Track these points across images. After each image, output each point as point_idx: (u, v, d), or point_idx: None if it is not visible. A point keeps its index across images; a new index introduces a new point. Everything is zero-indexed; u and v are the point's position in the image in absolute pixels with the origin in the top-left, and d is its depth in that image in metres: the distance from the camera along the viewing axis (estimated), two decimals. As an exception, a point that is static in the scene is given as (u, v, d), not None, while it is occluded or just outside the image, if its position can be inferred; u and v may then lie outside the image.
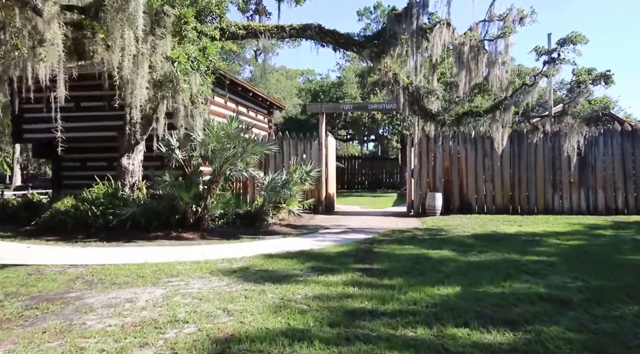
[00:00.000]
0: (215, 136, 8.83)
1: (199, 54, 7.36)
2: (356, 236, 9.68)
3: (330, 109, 16.75)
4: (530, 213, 13.82)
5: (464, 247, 7.91)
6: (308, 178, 12.53)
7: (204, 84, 8.22)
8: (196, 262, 6.75)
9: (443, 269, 6.17)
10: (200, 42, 7.55)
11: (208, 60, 7.74)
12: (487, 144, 14.35)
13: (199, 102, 8.08)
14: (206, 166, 11.90)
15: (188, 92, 7.42)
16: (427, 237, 9.40)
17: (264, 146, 9.87)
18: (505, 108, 9.89)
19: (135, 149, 11.10)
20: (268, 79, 35.41)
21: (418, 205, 14.71)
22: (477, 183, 14.44)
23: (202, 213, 9.75)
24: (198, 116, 8.10)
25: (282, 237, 9.68)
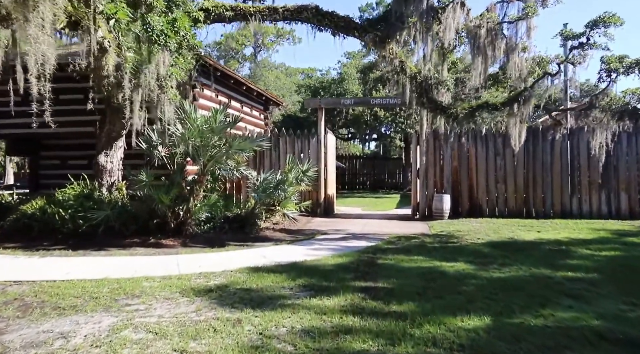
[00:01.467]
0: (197, 130, 7.76)
1: (167, 27, 6.27)
2: (357, 244, 8.61)
3: (330, 104, 15.68)
4: (546, 217, 12.73)
5: (482, 259, 6.84)
6: (305, 178, 11.45)
7: (176, 65, 7.14)
8: (167, 278, 5.68)
9: (463, 289, 5.09)
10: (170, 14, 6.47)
11: (179, 35, 6.65)
12: (499, 141, 13.27)
13: (168, 86, 7.00)
14: (192, 165, 10.86)
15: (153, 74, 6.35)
16: (438, 245, 8.33)
17: (254, 142, 8.81)
18: (525, 100, 8.82)
19: (113, 146, 10.04)
20: (267, 76, 34.38)
21: (424, 208, 13.63)
22: (488, 184, 13.35)
23: (185, 217, 8.69)
24: (167, 103, 7.02)
25: (274, 244, 8.61)
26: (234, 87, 14.39)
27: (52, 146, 13.59)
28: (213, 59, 11.94)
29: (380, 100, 13.98)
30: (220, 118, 7.98)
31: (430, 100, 8.95)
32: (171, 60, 6.77)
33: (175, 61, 7.01)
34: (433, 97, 9.03)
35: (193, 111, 7.98)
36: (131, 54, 6.27)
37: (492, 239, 8.93)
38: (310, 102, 15.21)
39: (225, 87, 13.88)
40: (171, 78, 7.03)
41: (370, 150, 43.36)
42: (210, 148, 8.18)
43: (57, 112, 12.43)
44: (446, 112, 8.83)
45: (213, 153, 8.43)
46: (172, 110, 7.32)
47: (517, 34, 8.35)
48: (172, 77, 7.07)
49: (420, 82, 8.97)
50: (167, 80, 6.87)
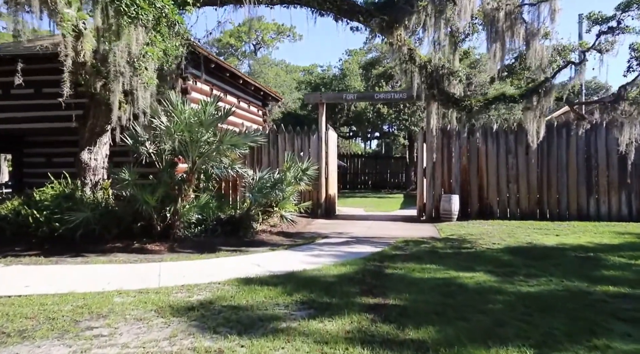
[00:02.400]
0: (184, 124, 6.99)
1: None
2: (361, 249, 7.84)
3: (332, 99, 14.89)
4: (561, 219, 11.95)
5: (503, 268, 6.06)
6: (304, 177, 10.68)
7: (153, 44, 6.34)
8: (144, 291, 4.92)
9: (488, 307, 4.32)
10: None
11: (155, 8, 5.85)
12: (511, 138, 12.49)
13: (142, 68, 6.21)
14: (183, 163, 10.11)
15: (123, 53, 5.57)
16: (450, 251, 7.55)
17: (248, 137, 8.03)
18: (546, 92, 8.03)
19: (98, 142, 9.27)
20: (266, 73, 33.57)
21: (431, 209, 12.85)
22: (500, 184, 12.57)
23: (172, 219, 7.92)
24: (141, 88, 6.23)
25: (270, 249, 7.84)
26: (230, 81, 13.62)
27: (37, 143, 12.83)
28: (207, 50, 11.16)
29: (384, 94, 13.20)
30: (210, 110, 7.21)
31: (441, 92, 8.17)
32: (146, 38, 5.98)
33: (152, 39, 6.22)
34: (444, 88, 8.25)
35: (181, 102, 7.21)
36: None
37: (509, 244, 8.16)
38: (311, 97, 14.42)
39: (220, 81, 13.11)
40: (146, 59, 6.24)
41: (372, 149, 42.56)
42: (200, 144, 7.41)
43: (39, 106, 11.74)
44: (459, 105, 8.05)
45: (203, 149, 7.66)
46: (148, 97, 6.55)
47: (539, 18, 7.57)
48: (148, 58, 6.28)
49: (430, 72, 8.20)
50: (141, 61, 6.08)
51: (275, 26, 45.42)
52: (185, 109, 7.09)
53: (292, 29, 45.77)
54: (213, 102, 7.39)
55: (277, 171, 10.75)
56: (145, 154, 8.56)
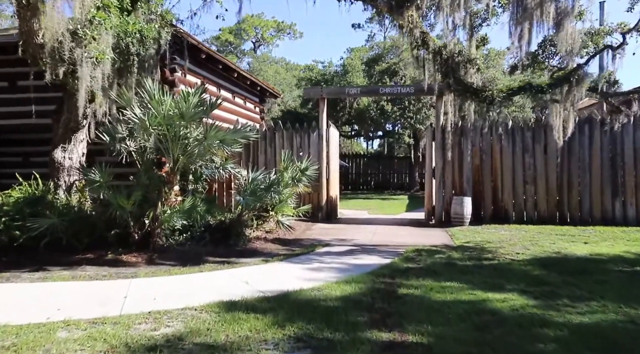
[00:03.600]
0: (162, 116, 6.01)
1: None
2: (367, 261, 6.85)
3: (333, 94, 13.92)
4: (583, 223, 10.94)
5: (538, 287, 5.07)
6: (303, 178, 9.72)
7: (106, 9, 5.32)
8: (100, 321, 3.93)
9: (539, 348, 3.33)
10: None
11: None
12: (528, 136, 11.49)
13: (88, 37, 5.19)
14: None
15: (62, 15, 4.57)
16: (470, 263, 6.56)
17: (238, 133, 7.04)
18: (579, 80, 7.04)
19: (73, 139, 8.33)
20: (266, 71, 32.60)
21: (440, 212, 11.86)
22: (515, 185, 11.57)
23: (152, 226, 6.94)
24: (86, 63, 5.21)
25: (263, 261, 6.86)
26: (223, 75, 12.65)
27: (13, 142, 11.86)
28: (197, 38, 10.19)
29: (390, 89, 12.23)
30: (193, 101, 6.22)
31: (457, 81, 7.19)
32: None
33: (105, 3, 5.21)
34: (461, 77, 7.28)
35: (159, 91, 6.22)
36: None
37: (536, 255, 7.16)
38: (311, 92, 13.44)
39: (213, 74, 12.14)
40: (95, 26, 5.21)
41: (375, 149, 41.55)
42: (182, 140, 6.43)
43: (13, 101, 10.78)
44: (478, 95, 7.06)
45: (189, 147, 6.68)
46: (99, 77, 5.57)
47: (573, -5, 6.58)
48: (98, 26, 5.26)
49: (446, 59, 7.21)
50: (86, 28, 5.08)
51: (275, 23, 44.48)
52: (165, 100, 6.11)
53: (293, 26, 44.86)
54: (197, 92, 6.41)
55: (273, 171, 9.80)
56: (124, 152, 7.58)
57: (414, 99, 20.62)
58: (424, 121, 20.20)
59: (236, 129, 7.02)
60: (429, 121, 19.97)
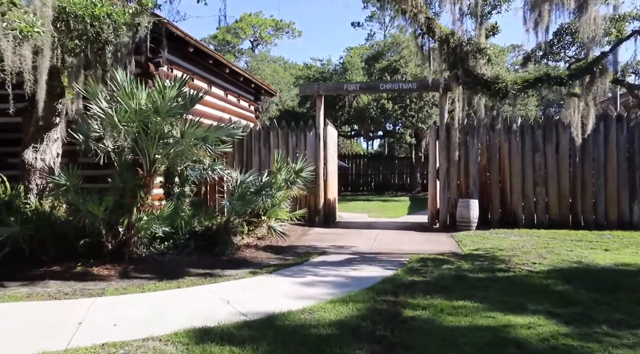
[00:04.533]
0: (132, 111, 5.28)
1: None
2: (367, 272, 6.14)
3: (331, 91, 13.22)
4: (598, 227, 10.22)
5: (567, 307, 4.35)
6: (298, 180, 9.00)
7: None
8: (40, 358, 3.22)
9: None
10: None
11: None
12: (539, 134, 10.79)
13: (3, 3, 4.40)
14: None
15: None
16: (482, 275, 5.83)
17: (221, 130, 6.30)
18: (602, 71, 6.32)
19: (45, 138, 7.62)
20: (263, 70, 31.89)
21: (445, 215, 11.15)
22: (525, 187, 10.85)
23: (127, 235, 6.22)
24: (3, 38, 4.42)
25: (250, 273, 6.13)
26: (215, 71, 11.94)
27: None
28: (182, 30, 9.47)
29: (391, 85, 11.52)
30: (171, 94, 5.51)
31: (467, 72, 6.46)
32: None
33: None
34: (470, 68, 6.56)
35: (130, 82, 5.49)
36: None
37: (554, 264, 6.44)
38: (307, 89, 12.73)
39: (203, 70, 11.43)
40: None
41: (375, 149, 40.78)
42: (159, 138, 5.72)
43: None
44: (490, 88, 6.33)
45: (168, 146, 5.96)
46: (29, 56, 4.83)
47: (598, -27, 5.87)
48: None
49: (453, 48, 6.48)
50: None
51: (274, 22, 43.77)
52: (136, 93, 5.39)
53: (291, 25, 44.16)
54: (176, 84, 5.70)
55: (265, 173, 9.10)
56: (101, 152, 6.85)
57: (415, 97, 19.91)
58: (426, 120, 19.48)
59: (219, 126, 6.28)
60: (431, 120, 19.25)
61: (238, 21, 43.07)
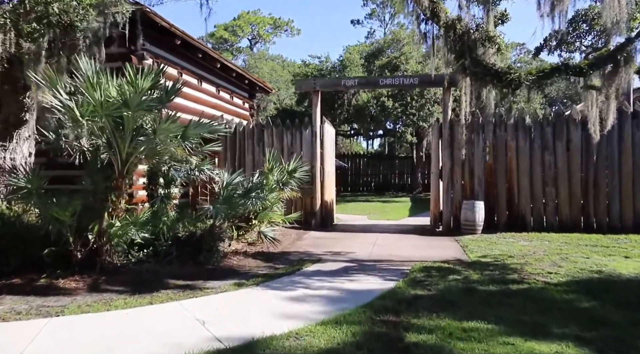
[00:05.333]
0: (98, 104, 4.65)
1: None
2: (365, 284, 5.52)
3: (327, 87, 12.58)
4: (612, 231, 9.59)
5: (598, 330, 3.73)
6: (291, 181, 8.38)
7: None
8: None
9: None
10: None
11: None
12: (548, 132, 10.16)
13: None
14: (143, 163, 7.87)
15: None
16: (494, 288, 5.21)
17: (202, 127, 5.67)
18: (627, 59, 5.68)
19: (15, 136, 7.01)
20: (261, 68, 31.28)
21: (449, 218, 10.53)
22: (534, 188, 10.23)
23: (99, 243, 5.60)
24: None
25: (235, 285, 5.50)
26: (205, 65, 11.33)
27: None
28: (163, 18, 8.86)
29: (391, 80, 10.91)
30: (143, 86, 4.88)
31: (475, 62, 5.82)
32: None
33: None
34: (479, 57, 5.93)
35: (94, 71, 4.85)
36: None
37: (572, 274, 5.82)
38: (303, 84, 12.12)
39: (193, 64, 10.82)
40: None
41: (375, 149, 40.13)
42: (130, 135, 5.09)
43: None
44: (501, 79, 5.68)
45: (139, 144, 5.33)
46: None
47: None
48: None
49: (460, 35, 5.84)
50: None
51: (272, 20, 43.16)
52: (102, 84, 4.76)
53: (290, 23, 43.53)
54: (150, 74, 5.07)
55: (257, 173, 8.50)
56: (76, 151, 6.23)
57: (416, 95, 19.27)
58: (427, 118, 18.86)
59: (199, 122, 5.64)
60: (432, 118, 18.63)
61: (236, 19, 42.50)
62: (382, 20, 39.13)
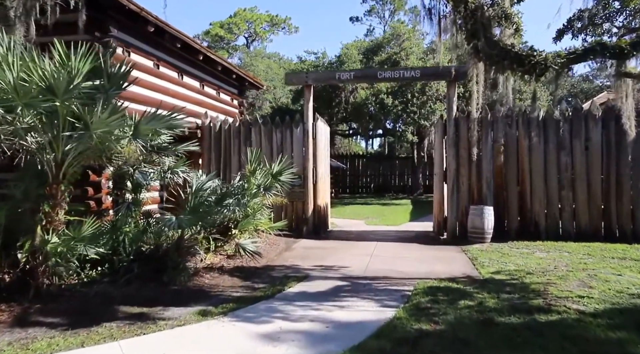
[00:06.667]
0: (11, 88, 3.61)
1: None
2: (358, 314, 4.50)
3: (321, 80, 11.57)
4: (638, 240, 8.58)
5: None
6: (277, 184, 7.37)
7: None
8: None
9: None
10: None
11: None
12: (565, 129, 9.17)
13: None
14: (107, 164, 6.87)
15: None
16: (516, 319, 4.19)
17: (158, 121, 4.65)
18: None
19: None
20: (257, 66, 30.28)
21: (454, 224, 9.53)
22: (549, 191, 9.23)
23: (33, 262, 4.58)
24: None
25: (199, 315, 4.49)
26: (187, 58, 10.31)
27: None
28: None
29: (390, 73, 9.89)
30: (80, 69, 3.87)
31: (491, 43, 4.78)
32: None
33: None
34: (494, 37, 4.92)
35: (8, 49, 3.82)
36: None
37: (610, 299, 4.81)
38: (294, 78, 11.09)
39: (171, 55, 9.80)
40: None
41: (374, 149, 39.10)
42: (65, 130, 4.08)
43: None
44: (523, 63, 4.66)
45: (71, 140, 4.31)
46: None
47: None
48: None
49: (473, 10, 4.83)
50: None
51: (269, 17, 42.16)
52: (19, 63, 3.73)
53: (287, 21, 42.52)
54: (89, 55, 4.05)
55: (238, 177, 7.54)
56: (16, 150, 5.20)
57: (417, 91, 18.25)
58: (429, 116, 17.82)
59: (155, 114, 4.61)
60: (434, 116, 17.61)
61: (232, 16, 41.49)
62: (381, 17, 38.14)
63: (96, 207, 7.59)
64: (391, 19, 37.66)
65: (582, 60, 4.82)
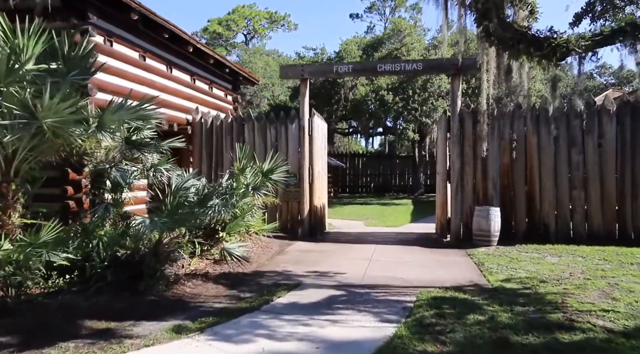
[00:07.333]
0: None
1: None
2: (352, 331, 3.96)
3: (317, 74, 11.03)
4: (655, 243, 8.03)
5: None
6: (269, 184, 6.81)
7: None
8: None
9: None
10: None
11: None
12: (576, 125, 8.63)
13: None
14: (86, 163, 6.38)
15: None
16: (535, 338, 3.65)
17: (127, 111, 4.08)
18: None
19: None
20: (255, 63, 29.71)
21: (458, 226, 8.99)
22: (559, 191, 8.68)
23: (-15, 272, 4.04)
24: None
25: (172, 331, 3.94)
26: (176, 49, 9.75)
27: None
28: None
29: (391, 65, 9.33)
30: (27, 45, 3.32)
31: (504, 24, 4.22)
32: None
33: None
34: (507, 19, 4.37)
35: None
36: None
37: (638, 313, 4.25)
38: (289, 71, 10.53)
39: (159, 47, 9.24)
40: None
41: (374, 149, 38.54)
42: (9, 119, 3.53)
43: None
44: (541, 46, 4.09)
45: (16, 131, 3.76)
46: None
47: None
48: None
49: (482, -13, 4.31)
50: None
51: (268, 14, 41.57)
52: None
53: (287, 17, 41.93)
54: (42, 36, 3.50)
55: (226, 175, 7.01)
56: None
57: (419, 88, 17.68)
58: (431, 113, 17.27)
59: (121, 103, 4.05)
60: (436, 114, 17.07)
61: (230, 13, 40.90)
62: (382, 14, 37.49)
63: (76, 208, 7.07)
64: (392, 15, 37.06)
65: (609, 42, 4.26)
